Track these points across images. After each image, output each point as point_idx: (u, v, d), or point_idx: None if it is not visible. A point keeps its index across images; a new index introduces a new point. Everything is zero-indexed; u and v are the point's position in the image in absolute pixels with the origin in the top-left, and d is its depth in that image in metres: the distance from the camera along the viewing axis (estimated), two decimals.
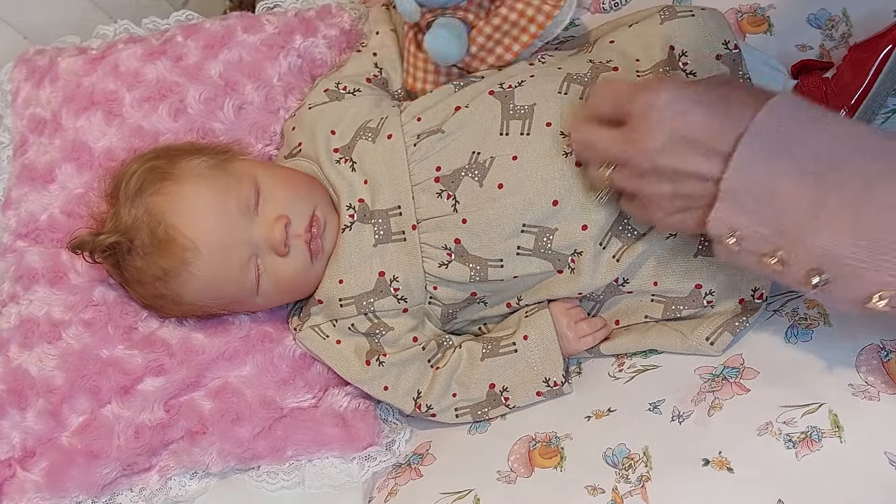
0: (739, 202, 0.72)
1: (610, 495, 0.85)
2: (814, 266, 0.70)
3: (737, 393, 0.87)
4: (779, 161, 0.70)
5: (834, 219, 0.68)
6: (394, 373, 1.00)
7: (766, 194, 0.71)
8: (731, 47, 0.95)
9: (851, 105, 0.96)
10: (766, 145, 0.71)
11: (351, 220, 0.98)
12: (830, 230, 0.69)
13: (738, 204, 0.73)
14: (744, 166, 0.71)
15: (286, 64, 1.13)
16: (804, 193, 0.70)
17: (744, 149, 0.71)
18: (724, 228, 0.74)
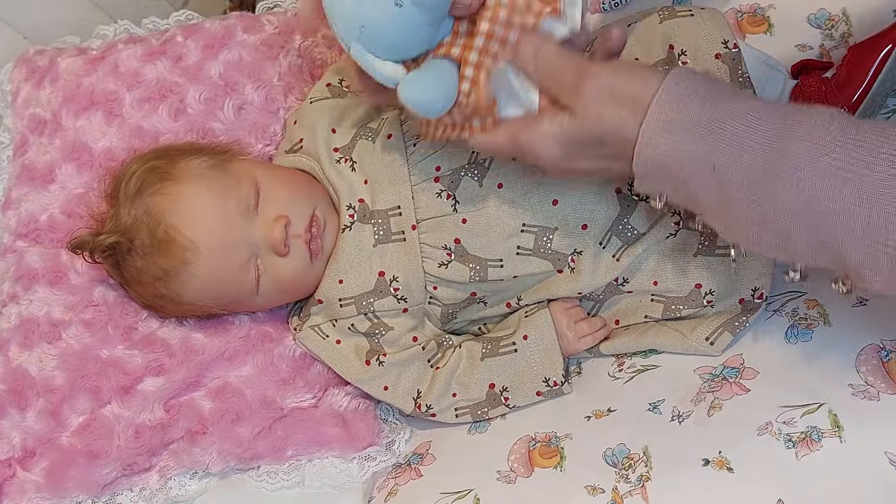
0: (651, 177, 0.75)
1: (610, 495, 0.85)
2: None
3: (737, 393, 0.87)
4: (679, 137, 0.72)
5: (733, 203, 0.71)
6: (394, 373, 1.00)
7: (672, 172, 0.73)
8: (731, 47, 0.94)
9: (851, 105, 0.96)
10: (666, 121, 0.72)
11: (351, 220, 0.98)
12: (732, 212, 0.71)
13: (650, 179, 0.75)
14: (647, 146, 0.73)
15: (286, 64, 1.13)
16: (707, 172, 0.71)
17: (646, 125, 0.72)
18: (648, 192, 0.77)
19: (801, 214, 0.67)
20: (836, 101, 0.96)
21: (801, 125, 0.69)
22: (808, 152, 0.67)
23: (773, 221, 0.69)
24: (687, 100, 0.72)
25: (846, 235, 0.66)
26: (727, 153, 0.70)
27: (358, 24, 0.75)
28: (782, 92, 0.99)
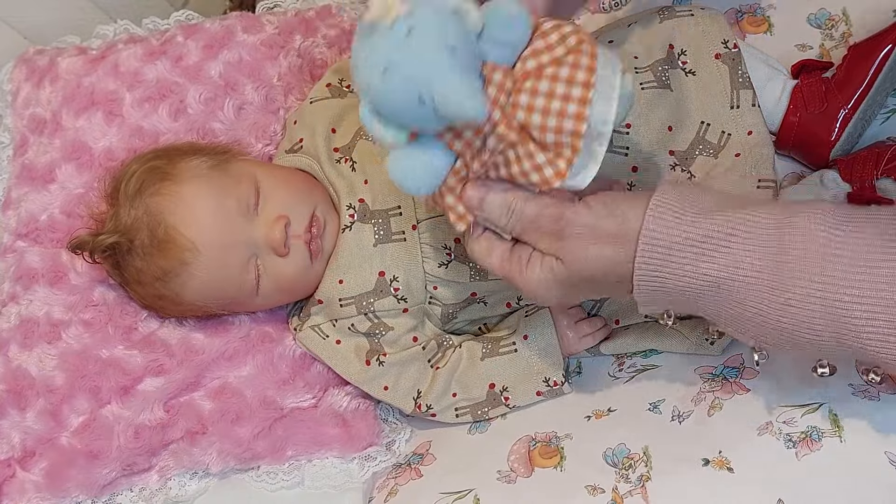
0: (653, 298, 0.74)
1: (610, 495, 0.85)
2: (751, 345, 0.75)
3: (737, 393, 0.87)
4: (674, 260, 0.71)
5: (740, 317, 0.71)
6: (394, 373, 1.00)
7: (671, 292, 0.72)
8: (731, 47, 0.95)
9: (851, 105, 0.96)
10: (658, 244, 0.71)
11: (351, 220, 0.98)
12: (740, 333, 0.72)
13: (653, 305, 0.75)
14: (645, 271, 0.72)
15: (286, 64, 1.13)
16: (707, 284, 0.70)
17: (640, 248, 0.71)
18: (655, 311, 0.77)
19: (818, 315, 0.66)
20: (836, 100, 0.96)
21: (797, 229, 0.68)
22: (812, 251, 0.67)
23: (790, 326, 0.68)
24: (676, 224, 0.70)
25: (866, 327, 0.65)
26: (728, 270, 0.69)
27: (373, 98, 0.71)
28: (782, 92, 0.99)
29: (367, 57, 0.70)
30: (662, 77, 0.94)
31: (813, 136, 0.98)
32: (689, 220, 0.70)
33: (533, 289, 0.77)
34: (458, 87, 0.68)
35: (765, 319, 0.69)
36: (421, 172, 0.75)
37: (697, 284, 0.70)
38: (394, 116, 0.71)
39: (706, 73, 0.95)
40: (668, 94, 0.94)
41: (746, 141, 0.93)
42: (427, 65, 0.68)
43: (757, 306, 0.69)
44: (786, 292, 0.67)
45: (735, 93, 0.94)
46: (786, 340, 0.69)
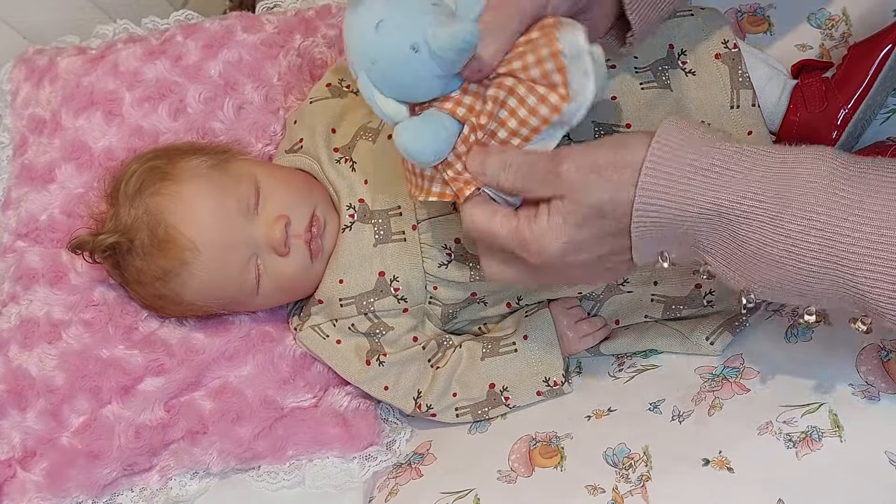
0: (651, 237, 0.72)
1: (610, 495, 0.85)
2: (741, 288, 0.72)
3: (737, 393, 0.87)
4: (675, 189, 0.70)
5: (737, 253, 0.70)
6: (394, 372, 1.00)
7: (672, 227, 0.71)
8: (731, 47, 0.95)
9: (851, 105, 0.96)
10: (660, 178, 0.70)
11: (351, 220, 0.98)
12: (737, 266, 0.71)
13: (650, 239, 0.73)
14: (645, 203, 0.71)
15: (286, 63, 1.13)
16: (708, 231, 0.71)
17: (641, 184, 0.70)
18: (650, 259, 0.75)
19: (816, 249, 0.66)
20: (835, 100, 0.96)
21: (804, 161, 0.68)
22: (816, 186, 0.67)
23: (787, 260, 0.68)
24: (681, 152, 0.70)
25: (864, 266, 0.65)
26: (732, 197, 0.69)
27: (370, 57, 0.74)
28: (782, 92, 0.99)
29: (359, 17, 0.73)
30: (662, 77, 0.94)
31: (813, 135, 0.98)
32: (696, 148, 0.70)
33: (544, 241, 0.74)
34: (447, 22, 0.72)
35: (762, 253, 0.68)
36: (428, 139, 0.76)
37: (699, 212, 0.69)
38: (392, 77, 0.74)
39: (706, 73, 0.95)
40: (668, 94, 0.94)
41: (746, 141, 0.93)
42: (415, 12, 0.72)
43: (756, 238, 0.68)
44: (788, 224, 0.67)
45: (735, 93, 0.94)
46: (780, 279, 0.69)
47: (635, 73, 0.95)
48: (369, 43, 0.73)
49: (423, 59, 0.72)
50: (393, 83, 0.75)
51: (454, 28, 0.71)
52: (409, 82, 0.75)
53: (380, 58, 0.73)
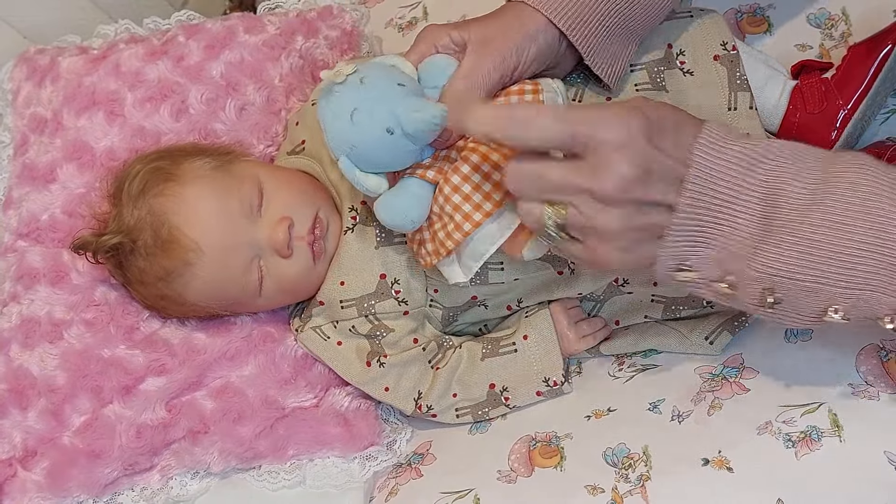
0: (690, 229, 0.71)
1: (610, 495, 0.85)
2: (766, 286, 0.70)
3: (736, 392, 0.87)
4: (725, 183, 0.70)
5: (781, 235, 0.68)
6: (394, 374, 1.00)
7: (715, 219, 0.70)
8: (730, 48, 0.95)
9: (850, 105, 0.96)
10: (713, 169, 0.70)
11: (353, 223, 0.99)
12: (778, 249, 0.69)
13: (689, 231, 0.71)
14: (696, 192, 0.70)
15: (288, 65, 1.13)
16: (752, 212, 0.70)
17: (695, 173, 0.70)
18: (675, 261, 0.72)
19: (859, 224, 0.67)
20: (835, 101, 0.96)
21: (843, 158, 0.69)
22: (857, 178, 0.68)
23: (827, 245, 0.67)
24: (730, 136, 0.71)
25: None
26: (776, 183, 0.69)
27: (349, 143, 0.82)
28: (781, 92, 0.99)
29: (334, 109, 0.82)
30: (657, 78, 0.95)
31: (812, 136, 0.98)
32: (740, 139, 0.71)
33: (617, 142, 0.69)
34: (417, 105, 0.80)
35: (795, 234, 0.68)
36: (408, 204, 0.85)
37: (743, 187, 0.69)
38: (371, 157, 0.82)
39: (704, 74, 0.95)
40: (663, 96, 0.94)
41: None
42: (385, 99, 0.80)
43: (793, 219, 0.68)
44: (829, 208, 0.67)
45: (733, 95, 0.94)
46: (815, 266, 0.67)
47: (630, 73, 0.95)
48: (347, 131, 0.81)
49: (398, 139, 0.81)
50: (372, 162, 0.83)
51: (425, 113, 0.79)
52: (387, 160, 0.83)
53: (358, 143, 0.81)
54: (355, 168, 0.83)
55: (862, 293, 0.68)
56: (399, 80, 0.82)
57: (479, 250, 0.85)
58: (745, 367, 0.90)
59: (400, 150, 0.82)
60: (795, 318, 0.71)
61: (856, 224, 0.67)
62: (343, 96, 0.81)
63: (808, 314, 0.70)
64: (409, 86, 0.82)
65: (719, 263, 0.71)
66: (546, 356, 0.98)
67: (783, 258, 0.69)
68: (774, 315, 0.71)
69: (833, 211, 0.68)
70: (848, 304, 0.68)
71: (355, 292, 0.98)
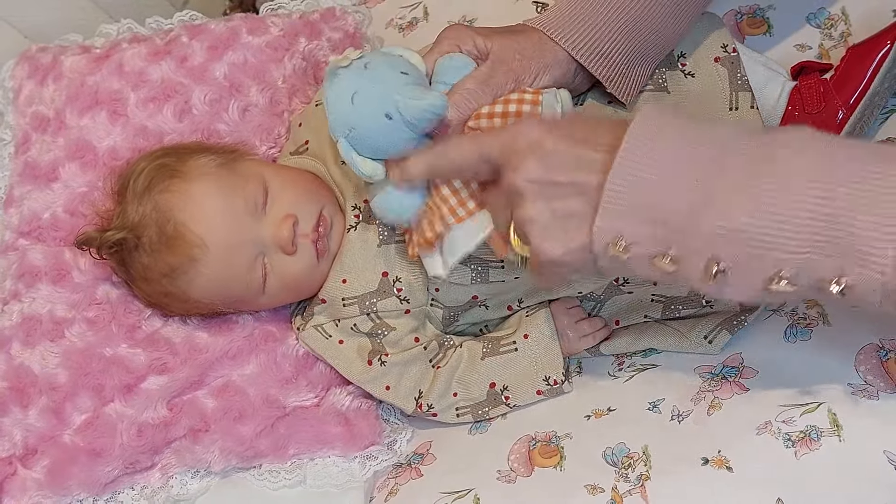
0: (622, 205, 0.70)
1: (609, 494, 0.85)
2: (710, 255, 0.68)
3: (736, 392, 0.88)
4: (658, 158, 0.69)
5: (723, 202, 0.67)
6: (395, 373, 1.00)
7: (650, 192, 0.69)
8: (730, 50, 0.95)
9: (850, 106, 0.96)
10: (642, 146, 0.70)
11: (356, 221, 0.99)
12: (721, 212, 0.67)
13: (622, 206, 0.70)
14: (624, 168, 0.69)
15: (291, 66, 1.13)
16: (689, 184, 0.68)
17: (624, 150, 0.70)
18: (609, 236, 0.71)
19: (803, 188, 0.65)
20: (834, 101, 0.97)
21: (786, 129, 0.70)
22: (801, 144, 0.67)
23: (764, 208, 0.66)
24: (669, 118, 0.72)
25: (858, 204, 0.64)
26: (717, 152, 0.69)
27: (349, 125, 0.83)
28: (780, 93, 1.00)
29: (336, 91, 0.83)
30: (659, 79, 0.95)
31: None
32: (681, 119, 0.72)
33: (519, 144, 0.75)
34: (417, 93, 0.81)
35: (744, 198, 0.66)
36: (401, 199, 0.87)
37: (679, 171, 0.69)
38: (369, 141, 0.83)
39: (705, 75, 0.95)
40: (666, 97, 0.95)
41: None
42: (386, 83, 0.82)
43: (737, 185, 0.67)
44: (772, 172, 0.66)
45: (734, 95, 0.94)
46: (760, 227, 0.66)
47: None
48: (347, 113, 0.83)
49: (397, 126, 0.82)
50: (370, 146, 0.84)
51: (424, 101, 0.81)
52: (385, 145, 0.84)
53: (357, 125, 0.83)
54: (353, 150, 0.84)
55: (809, 255, 0.66)
56: (403, 69, 0.84)
57: (457, 246, 0.87)
58: (745, 366, 0.90)
59: (398, 137, 0.83)
60: (742, 288, 0.69)
61: (801, 186, 0.65)
62: (346, 79, 0.83)
63: (756, 283, 0.68)
64: (412, 75, 0.84)
65: (658, 238, 0.70)
66: (546, 355, 0.98)
67: (728, 221, 0.67)
68: (721, 288, 0.69)
69: (777, 173, 0.66)
70: (794, 269, 0.67)
71: (357, 290, 0.98)
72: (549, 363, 0.99)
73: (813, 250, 0.66)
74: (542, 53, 0.88)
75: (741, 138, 0.70)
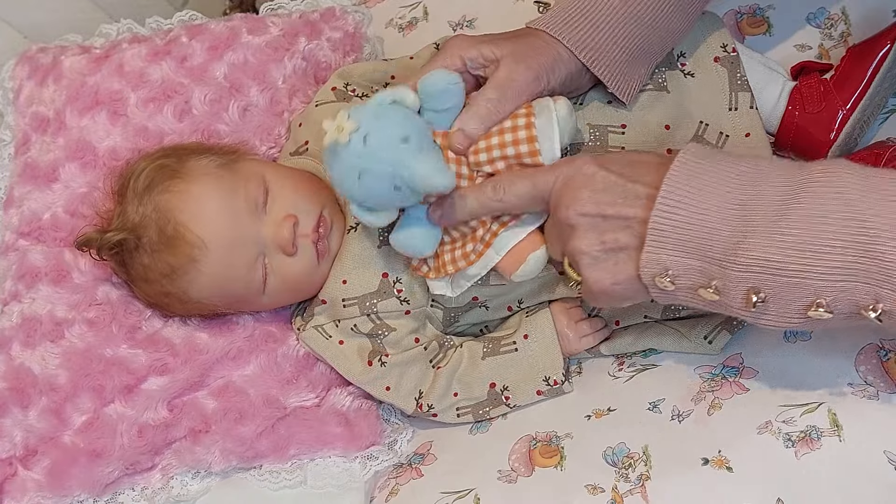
0: (668, 239, 0.74)
1: (610, 494, 0.85)
2: (751, 285, 0.71)
3: (736, 392, 0.88)
4: (699, 195, 0.73)
5: (761, 235, 0.70)
6: (396, 373, 1.00)
7: (692, 227, 0.73)
8: (730, 50, 0.95)
9: (849, 106, 0.96)
10: (685, 184, 0.74)
11: (357, 222, 0.99)
12: (759, 246, 0.70)
13: (667, 241, 0.74)
14: (667, 204, 0.73)
15: (291, 66, 1.13)
16: (728, 219, 0.72)
17: (667, 187, 0.74)
18: (656, 269, 0.75)
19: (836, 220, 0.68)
20: (834, 101, 0.97)
21: (817, 162, 0.73)
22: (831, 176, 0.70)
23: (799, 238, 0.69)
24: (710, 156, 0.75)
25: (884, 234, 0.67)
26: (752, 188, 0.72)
27: (358, 200, 0.85)
28: (780, 93, 1.00)
29: (340, 171, 0.84)
30: (659, 79, 0.95)
31: (811, 136, 0.98)
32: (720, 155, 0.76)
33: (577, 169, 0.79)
34: (422, 169, 0.81)
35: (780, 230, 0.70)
36: (420, 235, 0.88)
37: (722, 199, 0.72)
38: (379, 205, 0.85)
39: (705, 76, 0.95)
40: (665, 97, 0.95)
41: (745, 144, 0.94)
42: (390, 161, 0.81)
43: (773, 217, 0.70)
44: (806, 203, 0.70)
45: (734, 95, 0.94)
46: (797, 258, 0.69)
47: None
48: (355, 191, 0.84)
49: (405, 193, 0.83)
50: (382, 207, 0.86)
51: (432, 180, 0.81)
52: (397, 204, 0.86)
53: (367, 199, 0.85)
54: (366, 213, 0.86)
55: (845, 283, 0.68)
56: (402, 134, 0.82)
57: (471, 273, 0.90)
58: (745, 366, 0.90)
59: (408, 199, 0.85)
60: (782, 317, 0.72)
61: (834, 216, 0.68)
62: (349, 159, 0.82)
63: (794, 311, 0.71)
64: (413, 138, 0.82)
65: (701, 271, 0.73)
66: (546, 355, 0.98)
67: (766, 254, 0.70)
68: (762, 316, 0.73)
69: (810, 205, 0.69)
70: (831, 297, 0.69)
71: (357, 291, 0.98)
72: (549, 363, 0.99)
73: (848, 278, 0.68)
74: (550, 48, 0.89)
75: (778, 173, 0.73)
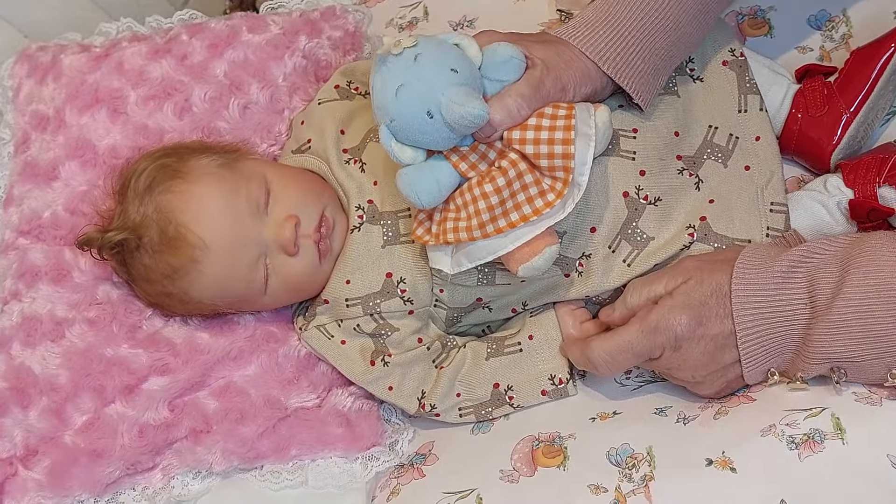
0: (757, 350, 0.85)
1: (613, 495, 0.85)
2: (831, 366, 0.82)
3: (743, 402, 0.88)
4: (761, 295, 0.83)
5: (820, 332, 0.81)
6: (398, 373, 1.00)
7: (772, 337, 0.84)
8: (738, 54, 0.96)
9: (853, 109, 0.96)
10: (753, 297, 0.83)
11: (360, 221, 0.99)
12: (821, 343, 0.81)
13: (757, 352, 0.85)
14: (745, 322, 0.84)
15: (291, 64, 1.13)
16: (801, 317, 0.82)
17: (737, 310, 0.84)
18: (760, 377, 0.87)
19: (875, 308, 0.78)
20: (837, 104, 0.97)
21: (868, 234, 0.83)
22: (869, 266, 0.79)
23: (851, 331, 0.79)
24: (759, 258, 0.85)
25: None
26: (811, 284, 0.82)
27: (390, 116, 0.83)
28: (784, 96, 1.00)
29: (383, 80, 0.83)
30: (669, 83, 0.95)
31: (814, 139, 0.98)
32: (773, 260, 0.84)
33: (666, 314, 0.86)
34: (460, 97, 0.80)
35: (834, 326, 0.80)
36: (427, 186, 0.86)
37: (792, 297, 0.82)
38: (409, 133, 0.83)
39: (714, 79, 0.96)
40: (676, 101, 0.95)
41: (754, 148, 0.94)
42: (432, 81, 0.81)
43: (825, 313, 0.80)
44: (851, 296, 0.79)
45: (743, 97, 0.95)
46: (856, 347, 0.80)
47: None
48: (390, 103, 0.83)
49: (437, 124, 0.82)
50: (409, 138, 0.84)
51: (464, 108, 0.80)
52: (423, 140, 0.84)
53: (398, 118, 0.83)
54: (392, 138, 0.84)
55: None
56: (454, 65, 0.83)
57: (476, 254, 0.88)
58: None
59: (437, 135, 0.83)
60: (866, 382, 0.83)
61: (878, 303, 0.78)
62: (394, 69, 0.82)
63: (874, 380, 0.82)
64: (462, 73, 0.83)
65: (790, 363, 0.85)
66: (551, 355, 0.98)
67: (828, 349, 0.81)
68: (851, 385, 0.83)
69: (855, 296, 0.79)
70: None
71: (361, 291, 0.98)
72: (553, 363, 0.98)
73: None
74: (581, 62, 0.89)
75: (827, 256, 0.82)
